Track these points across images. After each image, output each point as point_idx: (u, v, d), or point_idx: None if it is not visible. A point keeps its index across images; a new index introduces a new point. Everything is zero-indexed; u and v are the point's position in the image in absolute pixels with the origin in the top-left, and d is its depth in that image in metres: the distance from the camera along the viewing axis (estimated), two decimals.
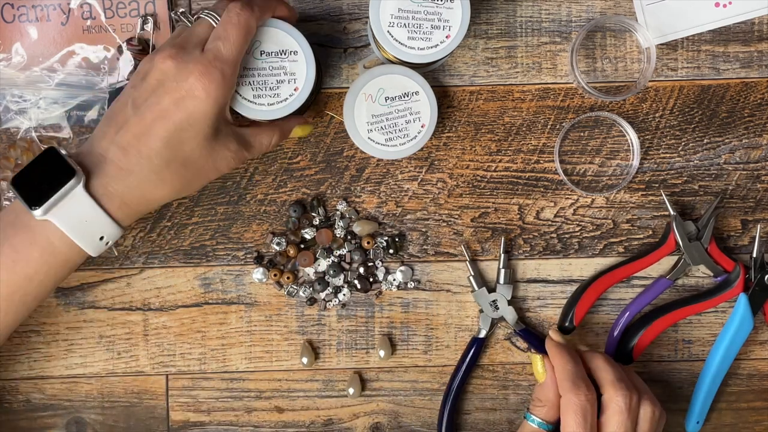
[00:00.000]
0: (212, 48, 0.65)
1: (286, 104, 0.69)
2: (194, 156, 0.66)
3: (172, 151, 0.65)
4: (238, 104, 0.68)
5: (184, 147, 0.65)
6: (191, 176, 0.67)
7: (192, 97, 0.64)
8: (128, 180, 0.65)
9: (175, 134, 0.64)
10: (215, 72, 0.64)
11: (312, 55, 0.69)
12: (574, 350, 0.73)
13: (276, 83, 0.69)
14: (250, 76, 0.68)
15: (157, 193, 0.66)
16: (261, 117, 0.69)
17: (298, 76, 0.69)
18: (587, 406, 0.69)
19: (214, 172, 0.68)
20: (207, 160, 0.67)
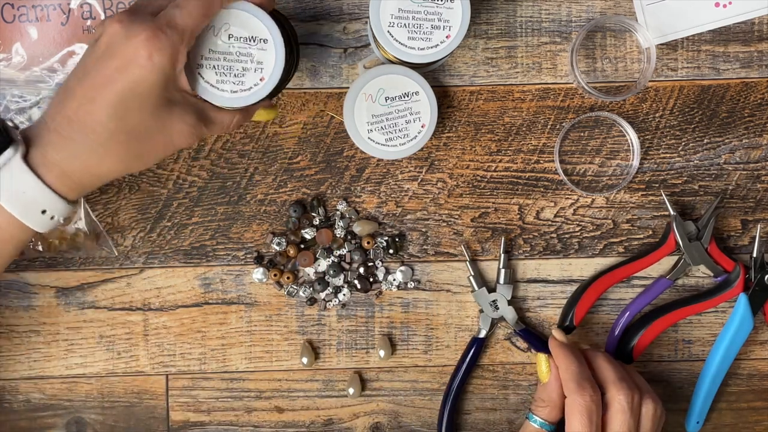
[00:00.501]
0: (165, 14, 0.61)
1: (249, 93, 0.65)
2: (143, 127, 0.61)
3: (117, 122, 0.60)
4: (199, 87, 0.64)
5: (131, 118, 0.61)
6: (141, 149, 0.63)
7: (136, 65, 0.59)
8: (69, 149, 0.61)
9: (120, 104, 0.60)
10: (162, 38, 0.59)
11: (282, 45, 0.65)
12: (577, 350, 0.73)
13: (242, 70, 0.65)
14: (215, 59, 0.64)
15: (103, 166, 0.62)
16: (222, 103, 0.65)
17: (265, 65, 0.65)
18: (593, 407, 0.69)
19: (169, 145, 0.64)
20: (159, 132, 0.62)
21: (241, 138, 0.78)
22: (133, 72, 0.60)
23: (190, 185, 0.78)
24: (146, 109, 0.61)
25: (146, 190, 0.78)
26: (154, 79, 0.60)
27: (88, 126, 0.60)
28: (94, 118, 0.60)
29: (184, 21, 0.61)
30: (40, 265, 0.78)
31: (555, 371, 0.72)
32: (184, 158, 0.78)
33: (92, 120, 0.60)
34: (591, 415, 0.69)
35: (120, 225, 0.78)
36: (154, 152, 0.64)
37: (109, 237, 0.78)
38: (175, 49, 0.60)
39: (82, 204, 0.76)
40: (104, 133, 0.60)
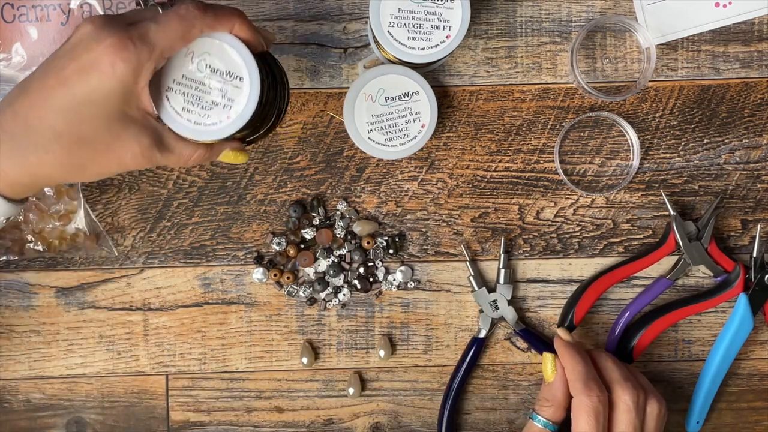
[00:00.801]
0: (140, 26, 0.58)
1: (211, 129, 0.61)
2: (91, 138, 0.58)
3: (66, 125, 0.58)
4: (163, 111, 0.61)
5: (81, 124, 0.58)
6: (85, 160, 0.59)
7: (97, 71, 0.57)
8: (9, 146, 0.58)
9: (74, 108, 0.57)
10: (130, 49, 0.56)
11: (258, 87, 0.61)
12: (583, 350, 0.73)
13: (210, 103, 0.61)
14: (186, 86, 0.61)
15: (43, 169, 0.59)
16: (182, 133, 0.61)
17: (236, 104, 0.61)
18: (600, 408, 0.69)
19: (115, 164, 0.60)
20: (108, 147, 0.59)
21: None
22: (92, 77, 0.57)
23: (190, 185, 0.78)
24: (99, 119, 0.58)
25: (146, 190, 0.78)
26: (113, 89, 0.57)
27: (33, 123, 0.58)
28: (41, 117, 0.58)
29: (156, 37, 0.58)
30: (40, 265, 0.78)
31: (561, 371, 0.72)
32: None
33: (40, 117, 0.58)
34: (598, 415, 0.69)
35: (120, 225, 0.78)
36: (99, 166, 0.60)
37: (109, 237, 0.78)
38: (141, 63, 0.57)
39: (82, 204, 0.76)
40: (50, 134, 0.58)
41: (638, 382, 0.72)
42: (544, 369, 0.73)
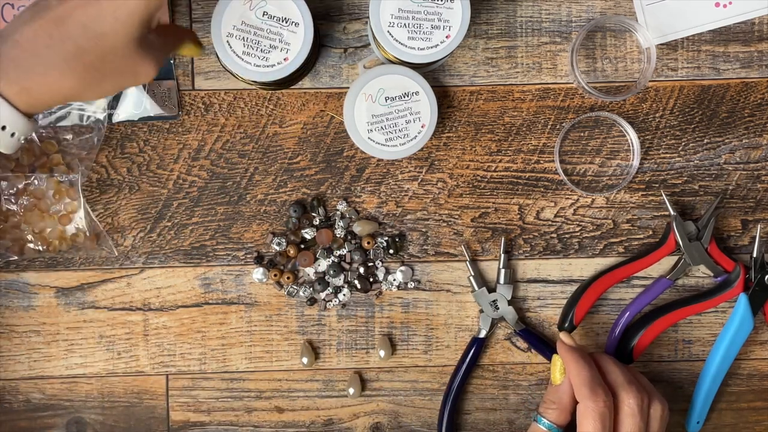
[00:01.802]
0: None
1: (271, 70, 0.70)
2: (113, 54, 0.60)
3: (89, 41, 0.59)
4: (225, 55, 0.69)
5: (105, 40, 0.59)
6: (105, 75, 0.61)
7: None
8: (32, 63, 0.59)
9: (97, 22, 0.59)
10: None
11: (312, 31, 0.69)
12: (586, 354, 0.73)
13: (269, 47, 0.70)
14: (246, 32, 0.69)
15: (64, 84, 0.60)
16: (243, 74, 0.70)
17: (292, 47, 0.70)
18: (606, 413, 0.69)
19: (131, 79, 0.63)
20: (127, 63, 0.61)
21: (241, 138, 0.78)
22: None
23: (190, 185, 0.78)
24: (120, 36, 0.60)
25: (146, 190, 0.78)
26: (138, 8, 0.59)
27: (56, 39, 0.59)
28: (66, 31, 0.59)
29: None
30: (40, 265, 0.78)
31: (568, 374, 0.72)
32: (184, 158, 0.78)
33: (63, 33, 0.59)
34: (605, 420, 0.68)
35: (120, 225, 0.78)
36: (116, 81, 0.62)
37: (109, 237, 0.78)
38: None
39: (82, 204, 0.76)
40: (73, 49, 0.59)
41: (641, 385, 0.72)
42: (552, 371, 0.73)
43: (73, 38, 0.59)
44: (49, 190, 0.76)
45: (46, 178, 0.76)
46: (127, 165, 0.78)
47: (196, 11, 0.77)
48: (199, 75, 0.77)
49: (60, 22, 0.59)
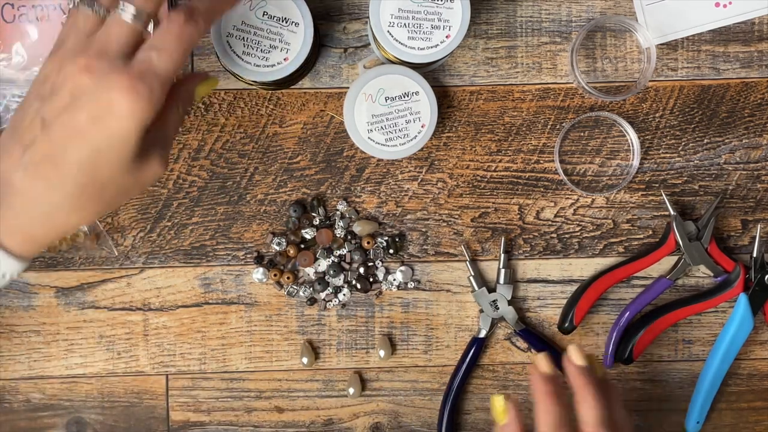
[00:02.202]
0: (144, 59, 0.55)
1: (271, 70, 0.70)
2: (115, 179, 0.57)
3: (88, 176, 0.56)
4: (224, 55, 0.69)
5: (103, 171, 0.56)
6: (112, 197, 0.59)
7: (113, 116, 0.54)
8: (35, 211, 0.56)
9: (92, 156, 0.55)
10: (143, 88, 0.55)
11: (312, 31, 0.70)
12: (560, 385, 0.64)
13: (269, 47, 0.70)
14: (246, 32, 0.69)
15: (72, 221, 0.58)
16: (243, 75, 0.70)
17: (292, 47, 0.70)
18: None
19: (139, 188, 0.60)
20: (131, 179, 0.58)
21: (241, 138, 0.78)
22: (110, 124, 0.55)
23: (190, 185, 0.78)
24: (119, 162, 0.56)
25: (146, 190, 0.78)
26: (132, 131, 0.55)
27: (55, 182, 0.56)
28: (63, 173, 0.55)
29: (164, 66, 0.56)
30: (40, 265, 0.78)
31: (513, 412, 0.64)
32: (184, 158, 0.78)
33: (60, 175, 0.56)
34: None
35: (120, 225, 0.78)
36: (125, 196, 0.60)
37: (109, 237, 0.78)
38: (157, 96, 0.55)
39: None
40: (74, 189, 0.56)
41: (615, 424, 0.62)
42: (493, 410, 0.65)
43: (71, 177, 0.56)
44: None
45: None
46: None
47: None
48: None
49: (54, 164, 0.55)
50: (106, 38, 0.56)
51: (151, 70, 0.55)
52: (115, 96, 0.54)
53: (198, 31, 0.57)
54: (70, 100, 0.55)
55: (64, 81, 0.56)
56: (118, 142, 0.55)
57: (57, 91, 0.56)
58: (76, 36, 0.57)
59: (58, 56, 0.57)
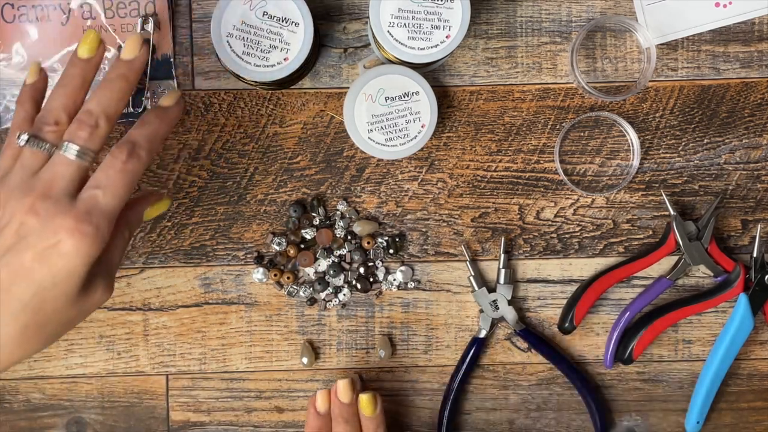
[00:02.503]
0: (89, 197, 0.57)
1: (271, 70, 0.70)
2: (59, 314, 0.58)
3: (31, 314, 0.56)
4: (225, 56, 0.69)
5: (46, 307, 0.57)
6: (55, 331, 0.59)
7: (59, 254, 0.55)
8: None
9: (37, 295, 0.56)
10: (89, 227, 0.55)
11: (312, 31, 0.69)
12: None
13: (268, 47, 0.70)
14: (246, 32, 0.69)
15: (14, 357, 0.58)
16: (244, 74, 0.70)
17: (292, 47, 0.70)
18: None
19: (82, 317, 0.60)
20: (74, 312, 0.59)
21: (241, 138, 0.78)
22: (56, 262, 0.55)
23: (190, 185, 0.78)
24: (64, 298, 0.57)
25: (146, 191, 0.78)
26: (78, 268, 0.56)
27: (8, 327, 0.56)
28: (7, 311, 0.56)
29: (109, 203, 0.57)
30: None
31: None
32: (184, 158, 0.78)
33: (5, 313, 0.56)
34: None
35: None
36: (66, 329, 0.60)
37: None
38: (102, 233, 0.56)
39: None
40: (17, 327, 0.56)
41: None
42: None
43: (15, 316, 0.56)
44: None
45: None
46: None
47: (196, 11, 0.77)
48: (199, 75, 0.77)
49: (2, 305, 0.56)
50: (51, 177, 0.57)
51: (96, 209, 0.56)
52: (62, 236, 0.55)
53: (141, 164, 0.58)
54: (15, 240, 0.56)
55: (10, 221, 0.56)
56: (63, 279, 0.56)
57: (2, 231, 0.56)
58: (22, 173, 0.57)
59: (3, 193, 0.57)
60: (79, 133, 0.57)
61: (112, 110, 0.59)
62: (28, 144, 0.57)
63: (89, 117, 0.58)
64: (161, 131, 0.61)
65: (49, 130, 0.58)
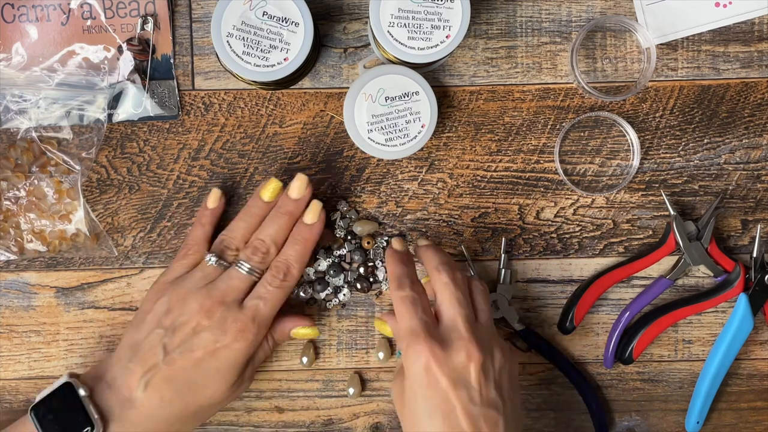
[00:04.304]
0: (252, 306, 0.70)
1: (271, 71, 0.70)
2: (214, 399, 0.70)
3: (194, 396, 0.69)
4: (224, 56, 0.69)
5: (208, 391, 0.69)
6: (208, 412, 0.72)
7: (226, 348, 0.69)
8: (147, 423, 0.68)
9: (202, 379, 0.69)
10: (250, 333, 0.69)
11: (312, 31, 0.70)
12: (407, 254, 0.72)
13: (268, 47, 0.70)
14: (246, 32, 0.69)
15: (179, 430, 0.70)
16: (243, 74, 0.70)
17: (292, 47, 0.70)
18: (413, 296, 0.68)
19: (227, 402, 0.73)
20: (226, 398, 0.71)
21: (241, 138, 0.78)
22: (222, 354, 0.69)
23: (190, 185, 0.78)
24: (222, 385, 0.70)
25: (146, 190, 0.78)
26: (239, 360, 0.70)
27: (166, 401, 0.68)
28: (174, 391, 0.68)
29: (267, 312, 0.70)
30: (40, 265, 0.78)
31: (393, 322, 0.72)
32: (184, 158, 0.78)
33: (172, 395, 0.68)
34: (414, 301, 0.67)
35: (120, 225, 0.78)
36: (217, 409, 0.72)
37: (109, 237, 0.78)
38: (260, 337, 0.70)
39: (82, 204, 0.76)
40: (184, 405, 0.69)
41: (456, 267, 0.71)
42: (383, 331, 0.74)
43: (181, 398, 0.69)
44: (49, 190, 0.76)
45: (46, 178, 0.76)
46: (127, 165, 0.78)
47: (196, 11, 0.77)
48: (199, 75, 0.78)
49: (170, 384, 0.68)
50: (226, 288, 0.70)
51: (258, 317, 0.70)
52: (230, 337, 0.69)
53: (294, 281, 0.72)
54: (191, 335, 0.69)
55: (188, 319, 0.69)
56: (227, 370, 0.70)
57: (180, 327, 0.69)
58: (202, 280, 0.71)
59: (182, 293, 0.70)
60: (253, 257, 0.71)
61: (280, 240, 0.72)
62: (215, 262, 0.72)
63: (262, 245, 0.72)
64: (308, 247, 0.73)
65: (231, 254, 0.72)
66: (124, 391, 0.68)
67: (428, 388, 0.65)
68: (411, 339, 0.66)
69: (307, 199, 0.74)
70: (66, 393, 0.68)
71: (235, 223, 0.74)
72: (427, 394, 0.65)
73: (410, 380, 0.66)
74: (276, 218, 0.73)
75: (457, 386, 0.65)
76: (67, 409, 0.67)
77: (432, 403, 0.64)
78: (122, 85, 0.76)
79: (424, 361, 0.65)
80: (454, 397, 0.64)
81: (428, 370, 0.65)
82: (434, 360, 0.65)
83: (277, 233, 0.72)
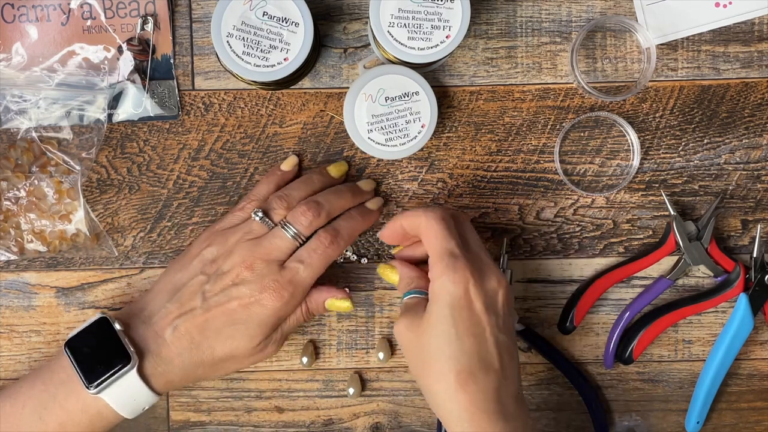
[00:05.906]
0: (292, 268, 0.70)
1: (271, 71, 0.70)
2: (240, 353, 0.71)
3: (220, 345, 0.70)
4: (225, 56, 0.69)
5: (234, 342, 0.70)
6: (232, 365, 0.73)
7: (258, 305, 0.70)
8: (177, 362, 0.70)
9: (230, 329, 0.70)
10: (286, 292, 0.70)
11: (312, 31, 0.70)
12: None
13: (268, 47, 0.70)
14: (246, 32, 0.69)
15: (201, 376, 0.72)
16: (243, 74, 0.70)
17: (292, 47, 0.70)
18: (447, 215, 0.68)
19: (251, 363, 0.73)
20: (251, 356, 0.72)
21: (241, 138, 0.78)
22: (254, 310, 0.70)
23: (190, 185, 0.78)
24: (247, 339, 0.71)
25: (146, 190, 0.78)
26: (268, 319, 0.70)
27: (196, 345, 0.70)
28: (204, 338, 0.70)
29: (306, 277, 0.70)
30: (40, 265, 0.78)
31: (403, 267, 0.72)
32: (184, 158, 0.78)
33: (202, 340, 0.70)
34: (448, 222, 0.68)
35: (120, 225, 0.78)
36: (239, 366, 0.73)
37: (109, 237, 0.78)
38: (296, 300, 0.71)
39: (83, 204, 0.76)
40: (209, 353, 0.70)
41: None
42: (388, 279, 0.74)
43: (210, 345, 0.70)
44: (49, 190, 0.76)
45: (46, 178, 0.76)
46: (127, 165, 0.78)
47: (196, 11, 0.77)
48: (199, 75, 0.78)
49: (201, 330, 0.70)
50: (270, 246, 0.71)
51: (296, 279, 0.70)
52: (265, 294, 0.70)
53: (338, 251, 0.72)
54: (230, 285, 0.70)
55: (230, 270, 0.70)
56: (256, 325, 0.70)
57: (222, 276, 0.70)
58: (248, 235, 0.72)
59: (229, 244, 0.71)
60: (301, 218, 0.71)
61: (334, 211, 0.73)
62: (261, 219, 0.72)
63: (317, 207, 0.72)
64: (360, 228, 0.74)
65: (279, 213, 0.72)
66: (158, 328, 0.70)
67: (464, 309, 0.65)
68: (450, 260, 0.66)
69: (371, 195, 0.77)
70: (101, 327, 0.69)
71: (296, 184, 0.74)
72: (463, 315, 0.65)
73: (442, 302, 0.66)
74: (341, 191, 0.74)
75: (488, 311, 0.66)
76: (103, 343, 0.68)
77: (465, 325, 0.65)
78: (122, 85, 0.76)
79: (464, 283, 0.65)
80: (485, 320, 0.66)
81: (467, 291, 0.66)
82: (474, 282, 0.66)
83: (336, 204, 0.73)
